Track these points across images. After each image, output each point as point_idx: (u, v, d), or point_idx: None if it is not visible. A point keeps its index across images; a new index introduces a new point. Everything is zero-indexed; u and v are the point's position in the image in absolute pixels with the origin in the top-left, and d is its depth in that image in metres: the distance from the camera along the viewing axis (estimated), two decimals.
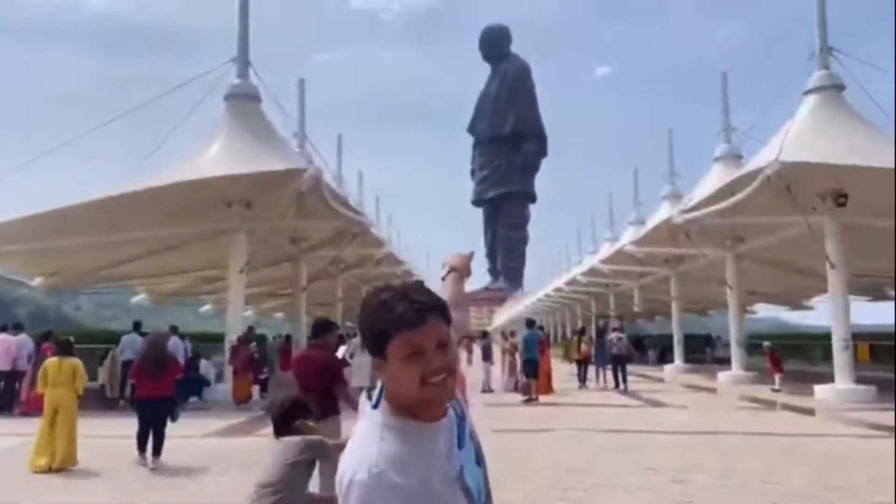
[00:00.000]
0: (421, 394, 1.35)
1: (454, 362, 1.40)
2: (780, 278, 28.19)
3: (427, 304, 1.37)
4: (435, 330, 1.36)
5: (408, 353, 1.34)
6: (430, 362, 1.34)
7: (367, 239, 25.44)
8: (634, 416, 13.99)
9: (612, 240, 41.16)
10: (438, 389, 1.36)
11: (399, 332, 1.34)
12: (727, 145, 24.51)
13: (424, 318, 1.35)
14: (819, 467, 8.07)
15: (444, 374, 1.36)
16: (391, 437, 1.35)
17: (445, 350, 1.37)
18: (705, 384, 21.91)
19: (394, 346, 1.35)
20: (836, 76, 17.55)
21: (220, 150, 16.12)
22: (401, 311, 1.35)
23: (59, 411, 8.22)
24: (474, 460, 1.49)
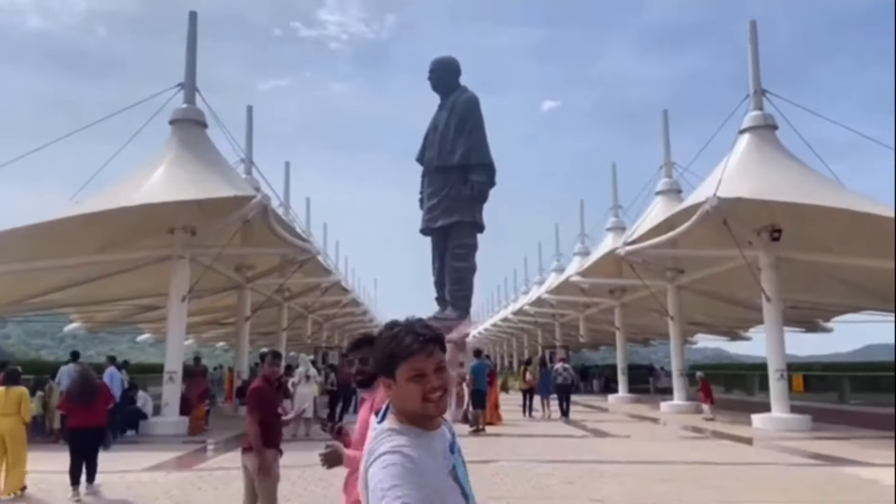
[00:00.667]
0: (423, 408, 1.70)
1: (449, 383, 1.75)
2: (719, 309, 29.06)
3: (428, 336, 1.74)
4: (434, 357, 1.73)
5: (412, 375, 1.70)
6: (430, 382, 1.70)
7: (314, 267, 25.18)
8: (580, 447, 14.08)
9: (559, 270, 41.79)
10: (437, 404, 1.71)
11: (406, 358, 1.71)
12: (668, 179, 25.34)
13: (426, 347, 1.72)
14: (756, 495, 8.26)
15: (441, 392, 1.72)
16: (398, 435, 1.67)
17: (442, 373, 1.74)
18: (648, 414, 22.27)
19: (401, 370, 1.71)
20: (769, 116, 18.39)
21: (165, 175, 15.74)
22: (409, 342, 1.73)
23: (6, 440, 8.26)
24: (462, 467, 1.80)
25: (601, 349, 51.91)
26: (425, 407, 1.69)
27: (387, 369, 1.73)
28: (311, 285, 27.64)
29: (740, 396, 23.83)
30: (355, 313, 42.38)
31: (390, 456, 1.62)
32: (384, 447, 1.64)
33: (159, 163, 16.25)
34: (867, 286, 20.57)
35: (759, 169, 17.35)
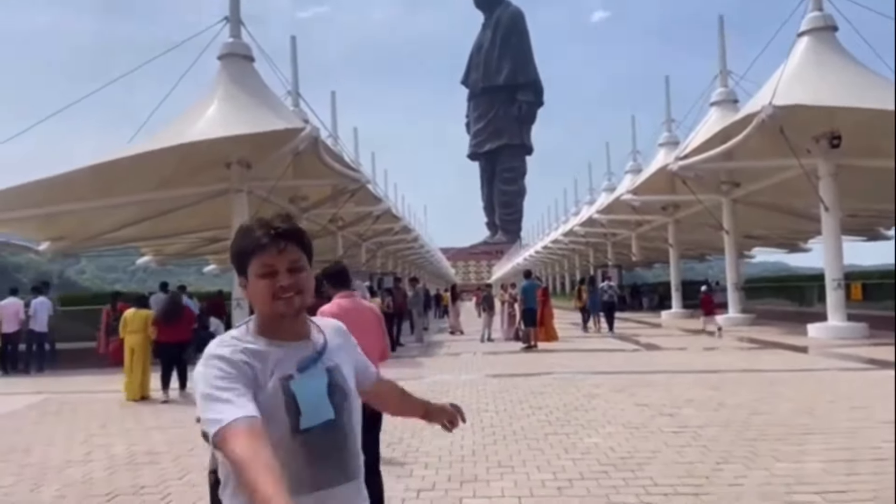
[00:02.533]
0: (272, 307, 1.53)
1: (303, 284, 1.56)
2: (777, 221, 28.46)
3: (282, 231, 1.54)
4: (287, 254, 1.54)
5: (262, 272, 1.53)
6: (280, 281, 1.52)
7: (365, 196, 25.63)
8: (631, 359, 14.43)
9: (610, 189, 41.27)
10: (286, 304, 1.53)
11: (256, 253, 1.53)
12: (724, 89, 24.48)
13: (277, 242, 1.53)
14: (805, 399, 8.47)
15: (292, 293, 1.53)
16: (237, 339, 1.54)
17: (296, 273, 1.55)
18: (702, 327, 22.36)
19: (252, 266, 1.54)
20: (829, 17, 17.50)
21: (218, 111, 16.17)
22: (258, 235, 1.54)
23: (135, 351, 10.10)
24: (321, 386, 1.57)
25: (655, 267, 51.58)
26: (275, 305, 1.53)
27: (240, 266, 1.58)
28: (363, 214, 28.18)
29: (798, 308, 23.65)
30: (406, 240, 43.03)
31: (205, 363, 1.49)
32: (206, 354, 1.51)
33: (211, 99, 16.66)
34: None
35: (818, 73, 16.66)
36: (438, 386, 10.45)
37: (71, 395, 10.91)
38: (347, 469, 1.59)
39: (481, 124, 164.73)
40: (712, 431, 6.76)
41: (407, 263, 53.64)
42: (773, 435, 6.52)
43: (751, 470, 5.35)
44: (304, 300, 1.56)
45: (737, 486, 4.97)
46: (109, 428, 8.07)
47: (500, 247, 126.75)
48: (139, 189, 16.75)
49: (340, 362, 1.65)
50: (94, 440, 7.36)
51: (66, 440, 7.43)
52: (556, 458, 5.91)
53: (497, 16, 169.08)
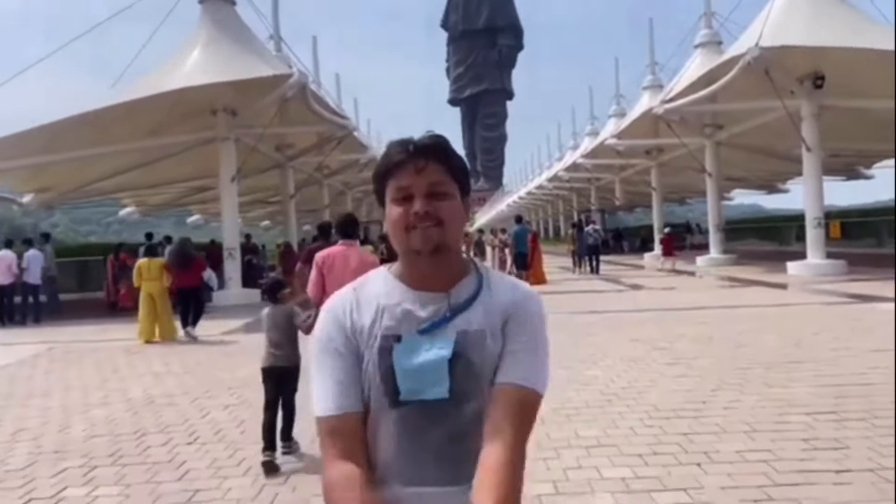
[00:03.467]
0: (405, 239, 1.26)
1: (446, 213, 1.26)
2: (758, 163, 28.82)
3: (421, 147, 1.28)
4: (427, 175, 1.26)
5: (396, 197, 1.27)
6: (416, 207, 1.24)
7: (352, 143, 25.49)
8: (620, 299, 14.85)
9: (593, 134, 41.34)
10: (422, 237, 1.24)
11: (391, 173, 1.28)
12: (708, 31, 24.42)
13: (416, 160, 1.26)
14: (790, 331, 8.88)
15: (429, 223, 1.24)
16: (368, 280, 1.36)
17: (437, 199, 1.26)
18: (685, 268, 22.90)
19: (388, 190, 1.29)
20: None
21: (201, 57, 15.92)
22: (394, 152, 1.28)
23: (155, 299, 10.87)
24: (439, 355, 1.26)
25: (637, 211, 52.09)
26: (408, 238, 1.26)
27: (379, 192, 1.33)
28: (349, 161, 28.05)
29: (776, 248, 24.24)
30: None
31: (323, 315, 1.33)
32: (331, 300, 1.35)
33: (194, 45, 16.37)
34: None
35: (803, 13, 16.70)
36: None
37: (74, 344, 11.06)
38: (455, 468, 1.26)
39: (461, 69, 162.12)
40: (705, 362, 7.13)
41: None
42: (762, 364, 6.90)
43: (744, 395, 5.71)
44: (445, 234, 1.26)
45: (732, 408, 5.32)
46: (121, 373, 8.27)
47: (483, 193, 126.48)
48: (126, 138, 16.58)
49: (487, 324, 1.29)
50: (108, 385, 7.57)
51: (82, 385, 7.63)
52: (560, 390, 6.22)
53: None
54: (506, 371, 1.27)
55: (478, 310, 1.30)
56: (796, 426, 4.80)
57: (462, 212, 1.30)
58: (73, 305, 16.70)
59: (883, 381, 5.93)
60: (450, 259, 1.30)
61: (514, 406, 1.24)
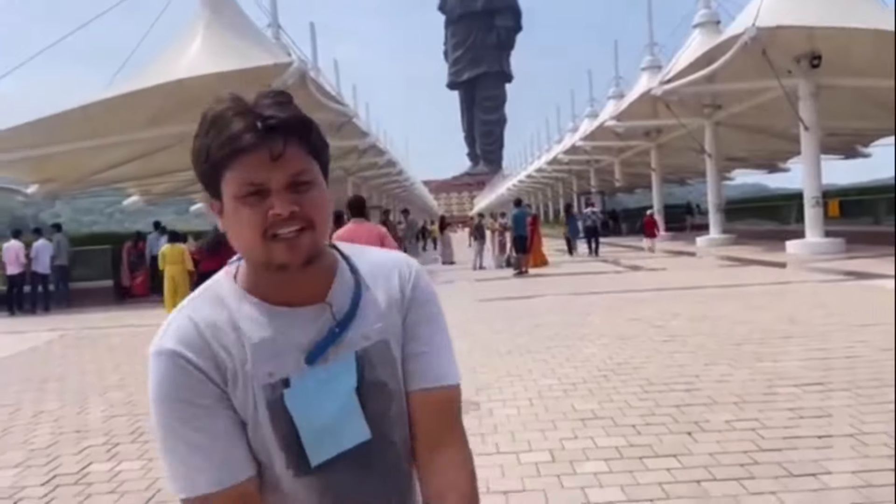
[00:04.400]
0: (264, 251, 0.95)
1: (314, 210, 0.95)
2: (758, 142, 28.91)
3: (275, 124, 0.92)
4: (285, 164, 0.93)
5: (245, 193, 0.93)
6: (276, 206, 0.93)
7: (351, 130, 25.60)
8: (619, 280, 15.06)
9: (592, 115, 41.35)
10: (288, 248, 0.94)
11: (234, 159, 0.93)
12: (706, 11, 24.44)
13: (272, 142, 0.92)
14: (785, 309, 9.09)
15: (296, 226, 0.94)
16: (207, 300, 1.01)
17: (303, 191, 0.95)
18: (685, 249, 23.11)
19: (228, 182, 0.94)
20: None
21: (202, 47, 16.03)
22: (236, 130, 0.92)
23: (176, 281, 11.73)
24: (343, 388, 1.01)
25: (637, 192, 52.15)
26: (269, 250, 0.94)
27: (209, 182, 0.97)
28: (348, 148, 28.18)
29: (776, 227, 24.38)
30: (391, 173, 43.09)
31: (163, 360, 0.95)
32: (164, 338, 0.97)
33: (194, 34, 16.47)
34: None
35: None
36: None
37: (86, 331, 11.33)
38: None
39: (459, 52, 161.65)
40: (699, 339, 7.35)
41: (392, 197, 53.75)
42: (754, 340, 7.11)
43: (735, 369, 5.93)
44: (317, 237, 0.97)
45: (724, 382, 5.54)
46: (134, 358, 8.52)
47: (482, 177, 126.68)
48: (128, 128, 16.71)
49: (386, 331, 1.05)
50: (122, 368, 7.81)
51: (97, 369, 7.88)
52: (558, 366, 6.46)
53: None
54: (423, 374, 1.07)
55: (368, 313, 1.04)
56: (783, 397, 5.02)
57: (328, 201, 0.98)
58: (81, 294, 16.94)
59: (868, 354, 6.15)
60: (322, 262, 1.00)
61: (443, 410, 1.07)
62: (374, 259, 1.10)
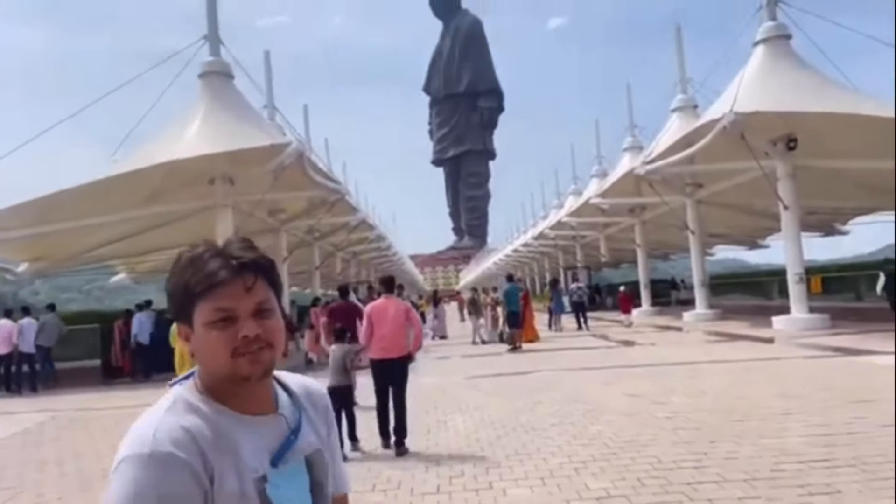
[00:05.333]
0: (231, 366, 1.11)
1: (274, 334, 1.15)
2: (738, 220, 29.69)
3: (247, 262, 1.14)
4: (255, 294, 1.13)
5: (216, 318, 1.11)
6: (244, 329, 1.11)
7: (342, 206, 26.03)
8: (611, 355, 15.15)
9: (577, 192, 42.27)
10: (251, 362, 1.12)
11: (208, 292, 1.11)
12: (684, 96, 25.56)
13: (242, 275, 1.12)
14: (780, 384, 9.23)
15: (259, 345, 1.12)
16: (183, 409, 1.12)
17: (265, 318, 1.14)
18: (672, 324, 23.32)
19: (201, 310, 1.12)
20: (783, 26, 18.54)
21: (201, 128, 16.46)
22: (213, 268, 1.12)
23: (184, 356, 11.19)
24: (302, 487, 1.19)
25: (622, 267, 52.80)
26: (236, 364, 1.11)
27: (181, 310, 1.15)
28: (340, 224, 28.56)
29: (760, 302, 24.79)
30: (381, 248, 43.49)
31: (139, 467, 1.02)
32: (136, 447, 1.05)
33: (194, 116, 16.95)
34: (883, 187, 21.03)
35: (775, 80, 17.66)
36: (435, 388, 10.97)
37: (78, 412, 11.14)
38: None
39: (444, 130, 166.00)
40: (701, 416, 7.44)
41: (381, 271, 53.97)
42: (755, 416, 7.22)
43: (740, 446, 6.02)
44: (275, 355, 1.16)
45: (731, 459, 5.62)
46: None
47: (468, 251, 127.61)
48: (123, 206, 16.92)
49: (321, 440, 1.26)
50: None
51: (93, 451, 7.76)
52: (566, 444, 6.50)
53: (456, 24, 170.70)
54: (337, 480, 1.31)
55: (309, 424, 1.24)
56: (791, 474, 5.10)
57: (283, 326, 1.19)
58: (68, 374, 16.68)
59: (868, 430, 6.28)
60: (270, 378, 1.21)
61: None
62: (298, 379, 1.31)
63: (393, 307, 7.05)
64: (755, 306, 24.69)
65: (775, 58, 18.22)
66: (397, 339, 6.90)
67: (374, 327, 6.89)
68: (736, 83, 18.07)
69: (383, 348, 6.84)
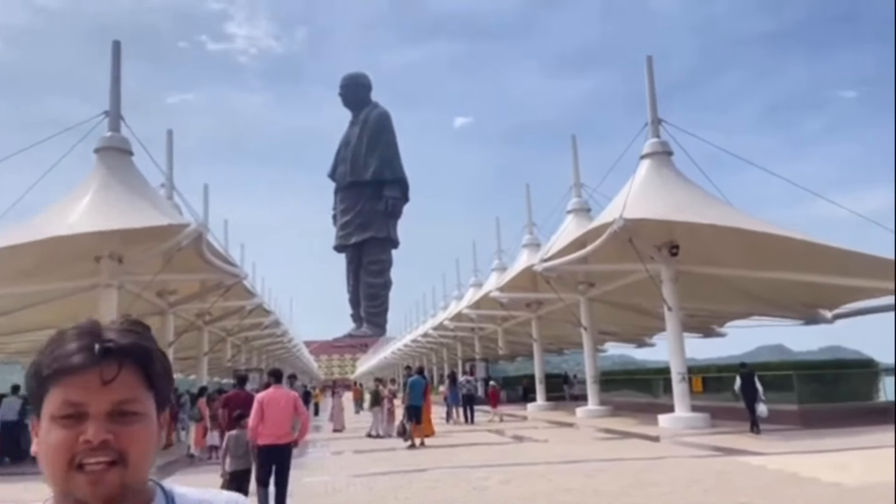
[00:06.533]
0: (65, 481, 0.88)
1: (131, 445, 0.89)
2: (627, 318, 31.11)
3: (118, 347, 0.91)
4: (112, 390, 0.89)
5: (62, 414, 0.89)
6: (87, 432, 0.87)
7: (238, 290, 25.26)
8: (508, 452, 15.13)
9: (477, 285, 43.07)
10: (90, 482, 0.87)
11: (58, 378, 0.90)
12: (578, 199, 27.12)
13: (106, 369, 0.89)
14: (669, 484, 9.50)
15: (106, 458, 0.88)
16: None
17: (123, 423, 0.90)
18: (565, 419, 23.71)
19: (49, 398, 0.91)
20: (665, 143, 20.31)
21: (92, 204, 15.74)
22: (70, 349, 0.90)
23: None
24: None
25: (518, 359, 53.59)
26: (70, 480, 0.87)
27: (34, 398, 0.94)
28: (234, 308, 27.60)
29: (647, 399, 25.72)
30: (276, 334, 42.16)
31: None
32: None
33: (86, 191, 16.23)
34: (755, 294, 22.84)
35: (659, 191, 19.15)
36: (325, 487, 10.50)
37: None
38: None
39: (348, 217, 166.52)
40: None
41: (274, 359, 52.08)
42: None
43: None
44: (128, 475, 0.89)
45: None
46: None
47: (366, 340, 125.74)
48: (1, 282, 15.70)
49: None
50: None
51: None
52: None
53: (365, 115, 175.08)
54: None
55: None
56: None
57: (156, 435, 0.95)
58: None
59: None
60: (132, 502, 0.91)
61: None
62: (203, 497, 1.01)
63: (283, 397, 7.75)
64: (643, 403, 25.59)
65: (659, 171, 19.83)
66: (285, 427, 7.65)
67: (264, 415, 7.53)
68: (625, 191, 19.45)
69: (272, 435, 7.50)
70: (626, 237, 18.21)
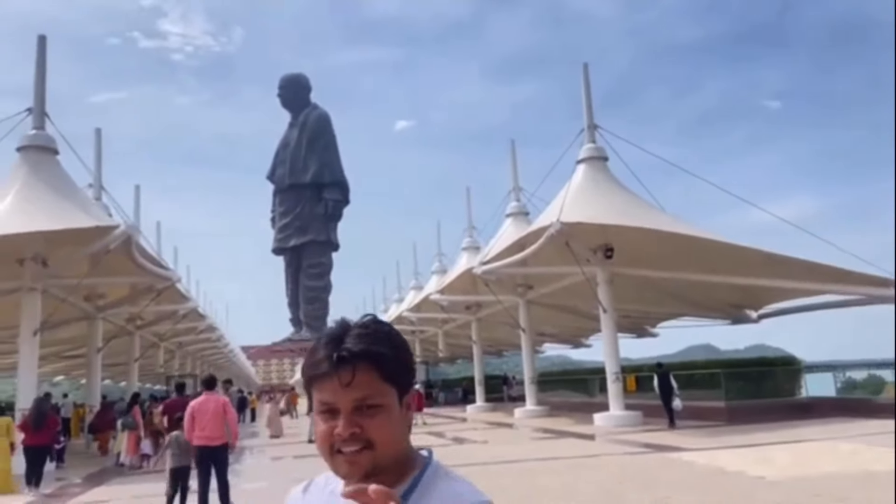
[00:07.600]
0: (331, 463, 1.10)
1: (377, 432, 1.07)
2: (564, 320, 31.70)
3: (351, 352, 1.08)
4: (352, 390, 1.07)
5: (320, 410, 1.10)
6: (339, 426, 1.07)
7: (171, 294, 24.53)
8: (446, 453, 15.14)
9: (417, 287, 43.14)
10: (348, 463, 1.07)
11: (314, 382, 1.11)
12: (517, 203, 27.51)
13: (342, 371, 1.07)
14: (604, 481, 9.74)
15: (356, 446, 1.06)
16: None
17: (369, 415, 1.07)
18: (504, 420, 23.98)
19: (314, 396, 1.12)
20: (601, 149, 20.82)
21: (13, 205, 15.04)
22: (318, 358, 1.11)
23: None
24: None
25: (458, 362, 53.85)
26: (334, 463, 1.09)
27: (309, 396, 1.18)
28: (167, 313, 26.79)
29: (583, 399, 26.28)
30: (211, 339, 41.11)
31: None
32: None
33: (8, 191, 15.48)
34: (685, 296, 23.67)
35: (594, 196, 19.61)
36: (265, 494, 10.32)
37: None
38: None
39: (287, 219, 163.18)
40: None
41: (209, 364, 50.74)
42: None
43: None
44: (377, 458, 1.07)
45: None
46: None
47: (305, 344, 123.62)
48: None
49: None
50: None
51: None
52: None
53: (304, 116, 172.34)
54: None
55: None
56: None
57: (400, 421, 1.11)
58: None
59: None
60: (388, 478, 1.06)
61: None
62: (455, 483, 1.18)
63: (213, 403, 8.36)
64: (580, 402, 26.13)
65: (595, 175, 20.32)
66: (216, 430, 8.27)
67: (195, 420, 8.17)
68: (562, 195, 19.84)
69: (205, 437, 8.18)
70: (563, 240, 18.57)
